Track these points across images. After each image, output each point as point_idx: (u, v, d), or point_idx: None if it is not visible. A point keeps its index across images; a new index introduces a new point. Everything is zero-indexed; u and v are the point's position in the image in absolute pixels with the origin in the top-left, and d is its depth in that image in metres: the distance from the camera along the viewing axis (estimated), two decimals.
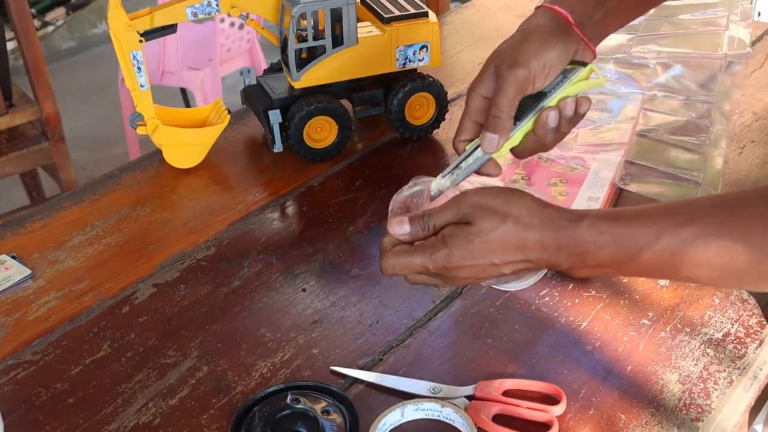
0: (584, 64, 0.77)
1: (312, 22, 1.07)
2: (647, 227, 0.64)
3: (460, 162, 0.78)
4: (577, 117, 0.77)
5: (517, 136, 0.77)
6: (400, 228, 0.71)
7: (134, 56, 1.05)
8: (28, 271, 0.95)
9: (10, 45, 2.60)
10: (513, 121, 0.76)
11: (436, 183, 0.77)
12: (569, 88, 0.76)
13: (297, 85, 1.10)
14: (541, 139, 0.77)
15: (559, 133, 0.78)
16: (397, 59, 1.12)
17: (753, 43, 1.37)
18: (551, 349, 0.82)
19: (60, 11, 3.67)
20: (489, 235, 0.67)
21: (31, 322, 0.89)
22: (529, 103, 0.76)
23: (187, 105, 2.94)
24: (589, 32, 0.78)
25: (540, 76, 0.75)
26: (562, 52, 0.76)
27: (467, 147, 0.78)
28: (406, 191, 0.78)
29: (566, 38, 0.76)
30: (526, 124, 0.76)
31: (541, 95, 0.76)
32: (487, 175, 0.78)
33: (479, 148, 0.77)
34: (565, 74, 0.77)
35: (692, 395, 0.77)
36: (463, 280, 0.71)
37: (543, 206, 0.68)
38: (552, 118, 0.75)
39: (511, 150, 0.78)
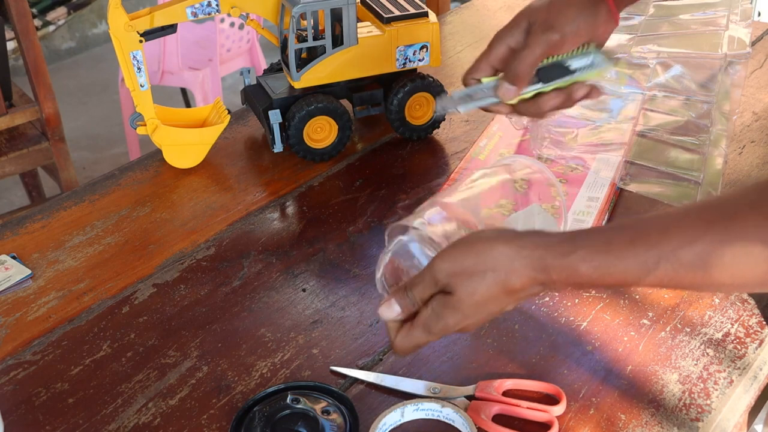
0: (615, 61, 0.81)
1: (312, 22, 1.07)
2: (643, 256, 0.61)
3: (470, 93, 0.81)
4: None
5: (530, 94, 0.80)
6: (390, 312, 0.70)
7: (134, 56, 1.05)
8: (28, 271, 0.95)
9: (10, 45, 2.60)
10: (528, 81, 0.79)
11: (442, 104, 0.81)
12: (588, 74, 0.81)
13: (297, 85, 1.10)
14: (548, 105, 0.81)
15: (560, 108, 0.82)
16: (397, 59, 1.12)
17: (753, 43, 1.37)
18: (551, 349, 0.82)
19: (60, 11, 3.67)
20: (474, 298, 0.66)
21: (31, 322, 0.89)
22: (549, 66, 0.80)
23: (187, 105, 2.94)
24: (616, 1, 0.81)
25: (570, 42, 0.78)
26: (593, 20, 0.79)
27: (483, 80, 0.82)
28: (388, 253, 0.76)
29: (597, 7, 0.79)
30: (544, 87, 0.80)
31: (560, 63, 0.80)
32: (497, 112, 0.82)
33: (491, 90, 0.80)
34: (594, 57, 0.80)
35: (692, 395, 0.77)
36: (470, 327, 0.69)
37: (519, 246, 0.65)
38: (580, 93, 0.79)
39: (513, 105, 0.82)
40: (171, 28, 1.07)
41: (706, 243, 0.60)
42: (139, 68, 1.06)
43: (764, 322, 0.84)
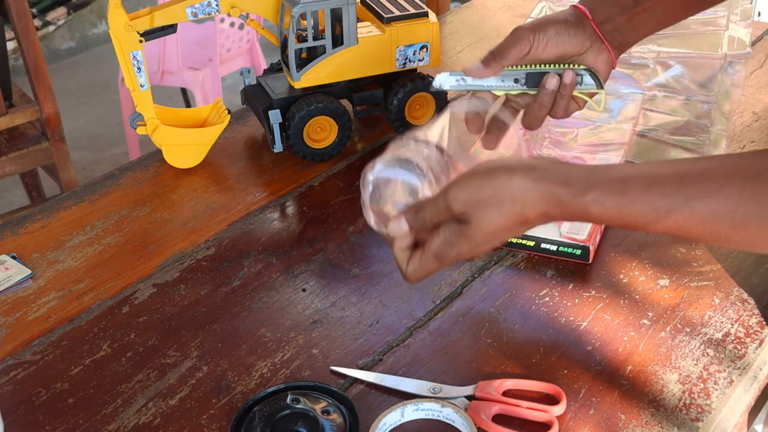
0: (601, 86, 0.85)
1: (312, 22, 1.07)
2: (656, 203, 0.62)
3: (466, 76, 0.84)
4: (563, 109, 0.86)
5: (515, 92, 0.85)
6: (399, 227, 0.71)
7: (134, 56, 1.05)
8: (28, 271, 0.95)
9: (10, 45, 2.60)
10: (501, 68, 0.84)
11: (440, 79, 0.84)
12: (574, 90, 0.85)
13: (297, 85, 1.10)
14: (540, 107, 0.85)
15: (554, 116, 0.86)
16: (397, 59, 1.12)
17: (753, 43, 1.37)
18: (551, 349, 0.82)
19: (60, 11, 3.67)
20: (491, 228, 0.67)
21: (31, 322, 0.89)
22: (537, 72, 0.85)
23: (187, 105, 2.94)
24: (611, 37, 0.84)
25: (538, 44, 0.82)
26: (567, 36, 0.83)
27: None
28: (370, 181, 0.76)
29: (578, 28, 0.83)
30: (528, 90, 0.85)
31: (547, 72, 0.85)
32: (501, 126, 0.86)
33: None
34: (583, 77, 0.84)
35: (692, 395, 0.77)
36: (481, 254, 0.73)
37: (535, 179, 0.66)
38: (552, 83, 0.83)
39: (522, 120, 0.87)
40: (171, 28, 1.07)
41: (720, 198, 0.60)
42: (139, 68, 1.06)
43: (764, 322, 0.84)
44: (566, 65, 0.84)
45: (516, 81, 0.85)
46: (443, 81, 0.85)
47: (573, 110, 0.88)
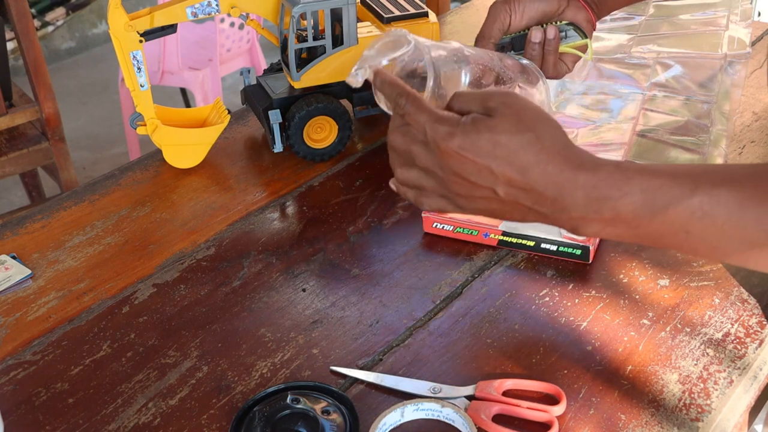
0: (585, 36, 0.90)
1: (312, 22, 1.07)
2: (680, 180, 0.57)
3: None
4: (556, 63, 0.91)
5: None
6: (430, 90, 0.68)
7: (134, 56, 1.05)
8: (28, 271, 0.96)
9: (10, 45, 2.60)
10: (493, 48, 0.88)
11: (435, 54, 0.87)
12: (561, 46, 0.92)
13: (297, 85, 1.10)
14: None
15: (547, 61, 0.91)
16: None
17: (753, 43, 1.37)
18: (551, 349, 0.82)
19: (60, 11, 3.67)
20: (501, 136, 0.60)
21: (31, 322, 0.89)
22: (521, 36, 0.90)
23: (187, 105, 2.94)
24: None
25: (516, 12, 0.87)
26: (545, 3, 0.88)
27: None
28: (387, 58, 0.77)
29: None
30: (514, 54, 0.90)
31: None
32: None
33: None
34: (567, 31, 0.90)
35: (692, 395, 0.77)
36: (450, 182, 0.63)
37: (569, 142, 0.62)
38: (536, 36, 0.88)
39: None
40: (171, 28, 1.07)
41: (748, 187, 0.57)
42: (139, 68, 1.06)
43: (764, 322, 0.84)
44: (546, 24, 0.90)
45: (503, 49, 0.88)
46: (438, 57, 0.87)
47: (563, 71, 0.93)
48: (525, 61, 0.89)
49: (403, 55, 0.75)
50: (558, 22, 0.89)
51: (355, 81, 0.74)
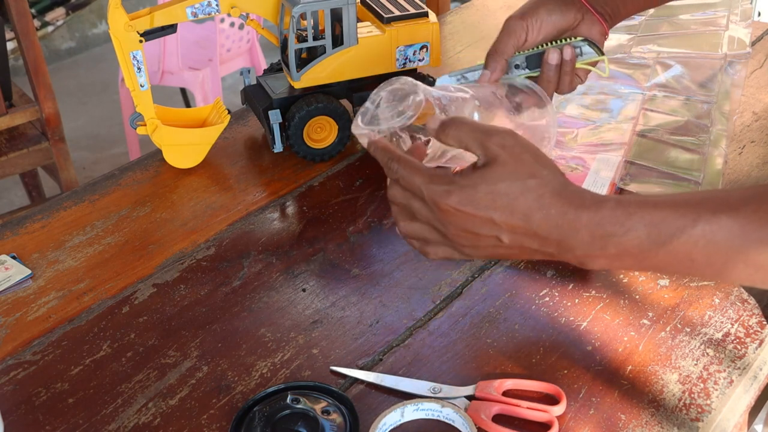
0: (601, 53, 0.87)
1: (312, 22, 1.07)
2: (682, 211, 0.58)
3: (465, 74, 0.86)
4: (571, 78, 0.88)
5: (520, 78, 0.88)
6: (433, 123, 0.66)
7: (134, 56, 1.05)
8: (28, 271, 0.95)
9: (10, 45, 2.60)
10: (506, 64, 0.86)
11: (441, 81, 0.86)
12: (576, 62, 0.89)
13: (297, 85, 1.10)
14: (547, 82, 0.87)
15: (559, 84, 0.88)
16: (397, 59, 1.12)
17: (753, 43, 1.37)
18: (551, 349, 0.82)
19: (60, 11, 3.67)
20: (499, 185, 0.61)
21: (31, 322, 0.89)
22: (536, 54, 0.87)
23: (187, 105, 2.94)
24: (601, 9, 0.86)
25: (532, 29, 0.84)
26: (558, 14, 0.85)
27: (478, 63, 0.88)
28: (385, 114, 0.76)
29: (567, 3, 0.85)
30: (531, 73, 0.88)
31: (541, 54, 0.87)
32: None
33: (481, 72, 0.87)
34: (582, 48, 0.87)
35: (692, 395, 0.77)
36: (453, 235, 0.64)
37: (568, 182, 0.63)
38: (553, 57, 0.85)
39: None
40: (171, 28, 1.07)
41: (749, 212, 0.57)
42: (139, 68, 1.06)
43: (764, 322, 0.84)
44: (563, 40, 0.87)
45: (517, 67, 0.87)
46: (445, 83, 0.86)
47: (577, 84, 0.90)
48: (529, 84, 0.87)
49: (406, 110, 0.76)
50: (572, 39, 0.86)
51: (360, 140, 0.76)
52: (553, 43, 0.86)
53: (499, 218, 0.62)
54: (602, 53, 0.87)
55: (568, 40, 0.87)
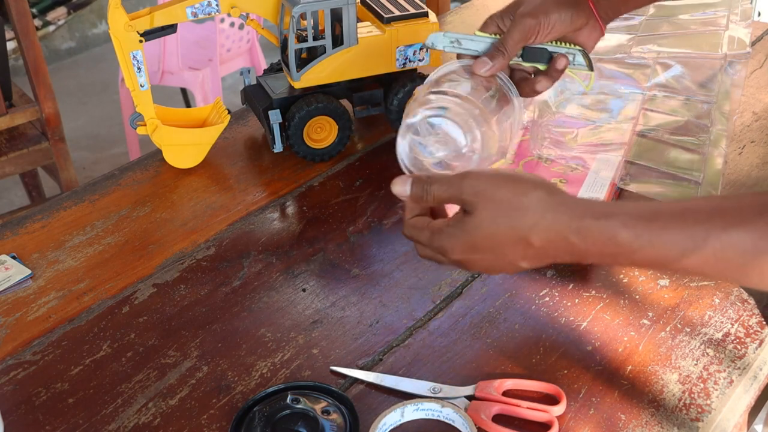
0: (591, 68, 0.87)
1: (312, 22, 1.07)
2: (691, 229, 0.58)
3: (460, 38, 0.86)
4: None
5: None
6: (400, 188, 0.70)
7: (134, 56, 1.05)
8: (28, 271, 0.95)
9: (10, 45, 2.60)
10: (507, 63, 0.85)
11: (433, 38, 0.86)
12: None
13: (297, 85, 1.10)
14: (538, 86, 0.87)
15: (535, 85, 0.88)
16: (397, 59, 1.12)
17: (753, 43, 1.37)
18: (551, 349, 0.82)
19: (60, 11, 3.67)
20: (490, 229, 0.64)
21: (31, 322, 0.89)
22: (533, 48, 0.87)
23: (187, 105, 2.94)
24: (603, 12, 0.86)
25: (544, 30, 0.84)
26: (569, 18, 0.85)
27: (477, 33, 0.87)
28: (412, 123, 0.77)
29: (577, 8, 0.85)
30: (522, 64, 0.87)
31: (543, 48, 0.87)
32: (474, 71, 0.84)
33: (478, 45, 0.86)
34: (576, 56, 0.87)
35: (692, 395, 0.77)
36: (470, 268, 0.70)
37: (559, 202, 0.63)
38: (561, 63, 0.85)
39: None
40: (171, 28, 1.07)
41: (760, 225, 0.57)
42: (139, 68, 1.06)
43: (764, 322, 0.84)
44: (561, 43, 0.86)
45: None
46: (436, 40, 0.86)
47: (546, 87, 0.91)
48: (503, 77, 0.87)
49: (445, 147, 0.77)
50: (570, 45, 0.86)
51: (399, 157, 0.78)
52: (553, 43, 0.86)
53: (505, 261, 0.66)
54: (592, 69, 0.87)
55: (567, 45, 0.86)
